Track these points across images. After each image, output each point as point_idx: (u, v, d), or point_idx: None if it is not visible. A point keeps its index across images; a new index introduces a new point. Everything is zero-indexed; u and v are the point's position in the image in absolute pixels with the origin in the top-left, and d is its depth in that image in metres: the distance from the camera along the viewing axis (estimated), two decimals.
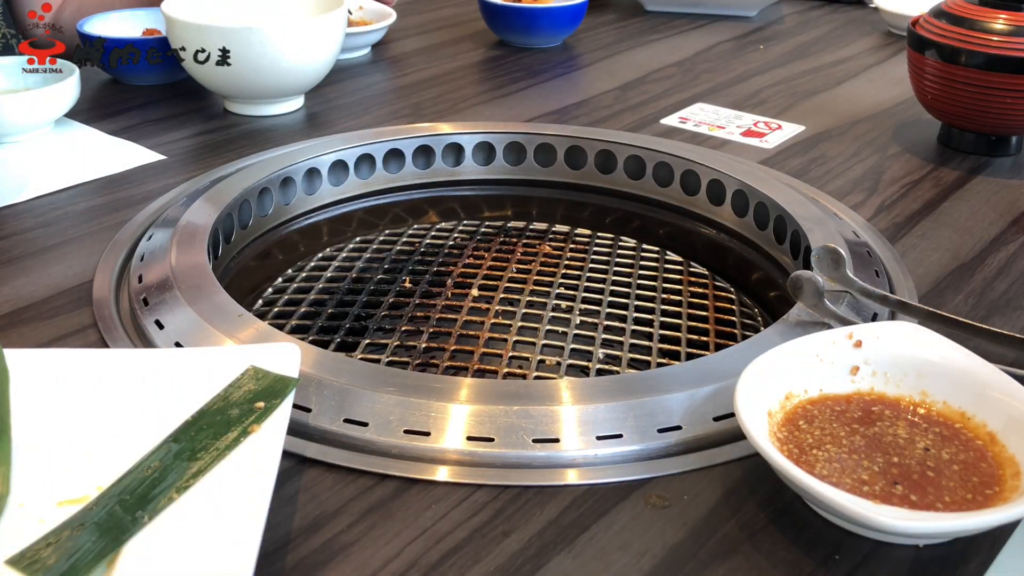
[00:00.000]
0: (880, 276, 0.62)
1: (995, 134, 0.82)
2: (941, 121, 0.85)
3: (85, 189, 0.75)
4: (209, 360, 0.49)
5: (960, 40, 0.78)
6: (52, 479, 0.42)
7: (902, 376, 0.47)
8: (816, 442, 0.43)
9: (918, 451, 0.43)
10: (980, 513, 0.39)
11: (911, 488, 0.41)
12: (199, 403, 0.46)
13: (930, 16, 0.82)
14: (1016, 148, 0.83)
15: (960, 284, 0.63)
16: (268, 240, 0.76)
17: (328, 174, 0.79)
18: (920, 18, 0.84)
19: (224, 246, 0.70)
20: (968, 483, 0.41)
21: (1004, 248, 0.68)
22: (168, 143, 0.84)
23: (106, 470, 0.42)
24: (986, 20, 0.78)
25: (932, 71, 0.80)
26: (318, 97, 0.96)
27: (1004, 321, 0.58)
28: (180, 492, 0.41)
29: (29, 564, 0.37)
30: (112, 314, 0.58)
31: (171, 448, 0.43)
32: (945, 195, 0.76)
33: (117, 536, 0.38)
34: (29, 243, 0.67)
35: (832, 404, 0.46)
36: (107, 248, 0.66)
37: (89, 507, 0.40)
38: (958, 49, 0.78)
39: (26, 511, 0.40)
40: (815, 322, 0.55)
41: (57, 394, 0.47)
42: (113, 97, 0.96)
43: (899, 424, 0.45)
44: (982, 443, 0.43)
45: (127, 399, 0.46)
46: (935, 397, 0.46)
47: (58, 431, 0.44)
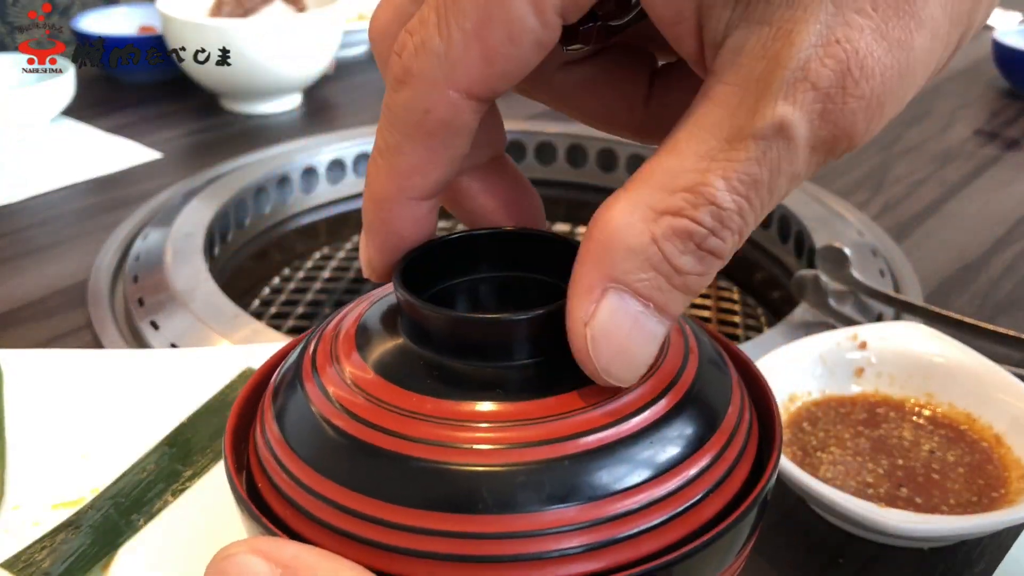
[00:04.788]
0: (885, 276, 0.61)
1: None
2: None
3: (81, 188, 0.75)
4: (205, 361, 0.48)
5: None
6: (47, 481, 0.41)
7: (907, 377, 0.46)
8: (820, 444, 0.43)
9: (923, 453, 0.43)
10: (986, 515, 0.38)
11: (916, 491, 0.40)
12: (195, 404, 0.45)
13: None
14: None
15: (966, 284, 0.62)
16: (265, 239, 0.75)
17: (326, 173, 0.79)
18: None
19: (221, 245, 0.69)
20: (973, 485, 0.41)
21: (1010, 248, 0.67)
22: (165, 141, 0.84)
23: (101, 472, 0.41)
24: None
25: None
26: (316, 95, 0.95)
27: (1010, 322, 0.58)
28: (176, 495, 0.40)
29: (24, 567, 0.37)
30: (107, 314, 0.57)
31: (167, 450, 0.43)
32: (951, 194, 0.75)
33: (112, 539, 0.38)
34: (24, 242, 0.66)
35: (836, 406, 0.45)
36: (102, 248, 0.65)
37: (84, 510, 0.39)
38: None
39: (21, 514, 0.40)
40: (819, 323, 0.54)
41: (52, 396, 0.46)
42: (110, 94, 0.95)
43: (904, 426, 0.44)
44: (988, 445, 0.43)
45: (123, 400, 0.46)
46: (940, 399, 0.45)
47: (53, 433, 0.44)
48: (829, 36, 0.17)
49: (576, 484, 0.19)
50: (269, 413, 0.23)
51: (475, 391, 0.20)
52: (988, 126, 0.91)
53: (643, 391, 0.21)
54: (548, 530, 0.19)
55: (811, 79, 0.17)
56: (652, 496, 0.19)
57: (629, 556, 0.19)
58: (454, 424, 0.20)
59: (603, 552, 0.19)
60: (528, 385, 0.20)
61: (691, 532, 0.20)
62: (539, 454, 0.19)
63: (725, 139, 0.18)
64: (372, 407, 0.20)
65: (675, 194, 0.18)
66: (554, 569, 0.19)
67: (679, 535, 0.20)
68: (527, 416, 0.20)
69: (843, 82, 0.17)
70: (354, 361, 0.22)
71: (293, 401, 0.22)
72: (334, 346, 0.22)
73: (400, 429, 0.20)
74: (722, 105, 0.18)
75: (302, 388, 0.22)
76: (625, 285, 0.19)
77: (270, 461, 0.21)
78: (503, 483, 0.19)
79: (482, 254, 0.24)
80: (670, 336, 0.23)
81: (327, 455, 0.20)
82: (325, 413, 0.21)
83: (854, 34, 0.17)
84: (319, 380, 0.22)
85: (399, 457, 0.19)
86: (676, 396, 0.21)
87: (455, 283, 0.24)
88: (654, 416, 0.20)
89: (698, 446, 0.21)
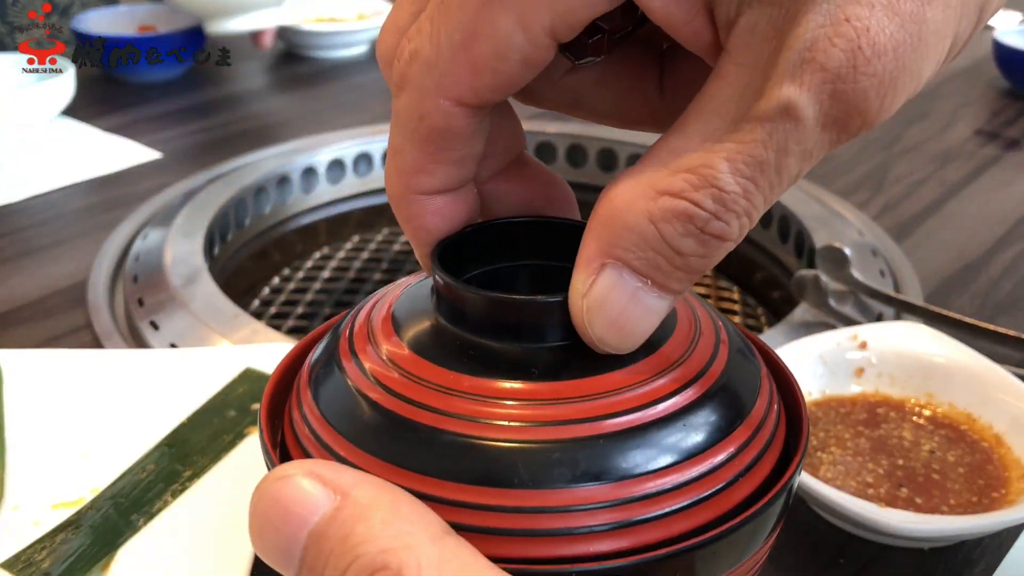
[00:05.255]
0: (885, 276, 0.61)
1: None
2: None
3: (80, 187, 0.75)
4: (205, 361, 0.48)
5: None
6: (47, 482, 0.41)
7: (907, 377, 0.46)
8: (821, 444, 0.43)
9: (923, 453, 0.43)
10: (986, 515, 0.38)
11: (916, 491, 0.40)
12: (195, 405, 0.45)
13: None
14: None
15: (966, 284, 0.62)
16: (265, 239, 0.75)
17: (326, 173, 0.79)
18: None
19: (220, 245, 0.69)
20: (974, 485, 0.41)
21: (1010, 248, 0.67)
22: (165, 141, 0.83)
23: (101, 473, 0.41)
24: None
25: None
26: (316, 95, 0.95)
27: (1010, 322, 0.58)
28: (175, 495, 0.40)
29: (24, 567, 0.37)
30: (107, 314, 0.57)
31: (166, 450, 0.43)
32: (951, 194, 0.75)
33: (112, 539, 0.38)
34: (23, 242, 0.66)
35: (837, 406, 0.45)
36: (102, 248, 0.65)
37: (84, 510, 0.39)
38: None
39: (21, 514, 0.39)
40: (819, 323, 0.54)
41: (52, 396, 0.46)
42: (110, 94, 0.95)
43: (904, 426, 0.44)
44: (988, 445, 0.43)
45: (122, 401, 0.46)
46: (941, 399, 0.45)
47: (53, 433, 0.44)
48: (838, 15, 0.17)
49: (607, 463, 0.19)
50: (306, 390, 0.23)
51: (508, 370, 0.21)
52: (988, 126, 0.91)
53: (674, 376, 0.21)
54: (579, 506, 0.19)
55: (819, 60, 0.17)
56: (680, 479, 0.20)
57: (656, 536, 0.19)
58: (488, 401, 0.20)
59: (630, 531, 0.19)
60: (560, 366, 0.21)
61: (718, 516, 0.20)
62: (571, 432, 0.20)
63: (732, 120, 0.18)
64: (408, 383, 0.21)
65: (677, 175, 0.18)
66: (583, 545, 0.19)
67: (706, 519, 0.20)
68: (559, 395, 0.20)
69: (854, 61, 0.17)
70: (392, 341, 0.22)
71: (331, 378, 0.22)
72: (370, 327, 0.23)
73: (436, 404, 0.20)
74: (731, 85, 0.18)
75: (339, 366, 0.22)
76: (623, 262, 0.19)
77: (307, 436, 0.22)
78: (536, 459, 0.19)
79: (517, 242, 0.25)
80: (702, 325, 0.23)
81: (364, 429, 0.21)
82: (362, 388, 0.21)
83: (864, 11, 0.17)
84: (356, 358, 0.22)
85: (434, 431, 0.20)
86: (707, 383, 0.21)
87: (491, 269, 0.25)
88: (684, 401, 0.21)
89: (727, 433, 0.21)
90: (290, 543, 0.18)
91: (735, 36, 0.18)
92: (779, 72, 0.18)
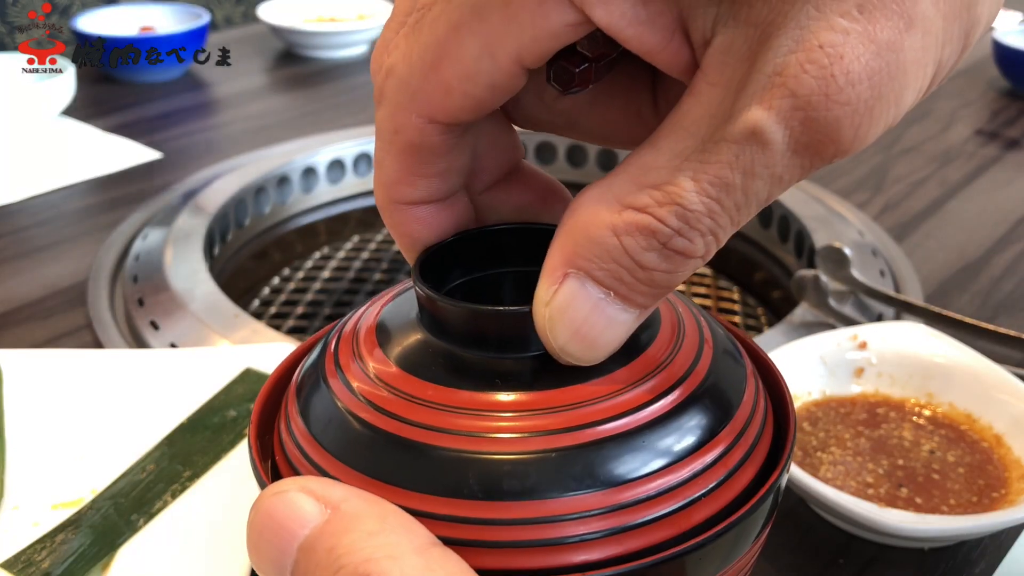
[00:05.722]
0: (885, 276, 0.61)
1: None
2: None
3: (80, 187, 0.75)
4: (205, 361, 0.48)
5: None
6: (47, 482, 0.41)
7: (907, 377, 0.46)
8: (821, 444, 0.43)
9: (923, 453, 0.43)
10: (986, 515, 0.38)
11: (916, 491, 0.40)
12: (195, 405, 0.45)
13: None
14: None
15: (966, 284, 0.62)
16: (265, 239, 0.75)
17: (325, 173, 0.79)
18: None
19: (220, 245, 0.69)
20: (974, 485, 0.41)
21: (1010, 248, 0.67)
22: (165, 141, 0.83)
23: (101, 473, 0.41)
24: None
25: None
26: (316, 95, 0.95)
27: (1010, 322, 0.58)
28: (175, 495, 0.40)
29: (23, 567, 0.37)
30: (107, 315, 0.57)
31: (166, 451, 0.43)
32: (951, 194, 0.75)
33: (112, 539, 0.38)
34: (23, 243, 0.66)
35: (837, 406, 0.45)
36: (102, 248, 0.65)
37: (84, 510, 0.39)
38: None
39: (20, 514, 0.39)
40: (819, 323, 0.54)
41: (51, 396, 0.46)
42: (110, 94, 0.95)
43: (904, 426, 0.44)
44: (988, 445, 0.43)
45: (122, 401, 0.46)
46: (941, 399, 0.45)
47: (53, 433, 0.44)
48: (811, 41, 0.17)
49: (595, 471, 0.19)
50: (294, 409, 0.23)
51: (492, 381, 0.21)
52: (988, 126, 0.91)
53: (658, 381, 0.21)
54: (570, 515, 0.19)
55: (790, 85, 0.17)
56: (668, 483, 0.20)
57: (645, 542, 0.19)
58: (475, 414, 0.20)
59: (621, 537, 0.19)
60: (542, 375, 0.21)
61: (707, 519, 0.20)
62: (560, 441, 0.20)
63: (702, 139, 0.18)
64: (395, 399, 0.21)
65: (643, 190, 0.18)
66: (576, 554, 0.19)
67: (695, 522, 0.20)
68: (543, 405, 0.20)
69: (826, 89, 0.17)
70: (376, 356, 0.22)
71: (317, 396, 0.22)
72: (355, 343, 0.23)
73: (423, 419, 0.20)
74: (703, 105, 0.18)
75: (326, 384, 0.22)
76: (585, 272, 0.19)
77: (297, 455, 0.22)
78: (526, 470, 0.19)
79: (505, 249, 0.25)
80: (686, 326, 0.23)
81: (354, 447, 0.21)
82: (350, 407, 0.21)
83: (838, 38, 0.17)
84: (343, 376, 0.22)
85: (422, 447, 0.20)
86: (690, 386, 0.21)
87: (476, 278, 0.25)
88: (669, 405, 0.21)
89: (713, 434, 0.21)
90: (282, 556, 0.18)
91: (709, 55, 0.18)
92: (748, 94, 0.17)
